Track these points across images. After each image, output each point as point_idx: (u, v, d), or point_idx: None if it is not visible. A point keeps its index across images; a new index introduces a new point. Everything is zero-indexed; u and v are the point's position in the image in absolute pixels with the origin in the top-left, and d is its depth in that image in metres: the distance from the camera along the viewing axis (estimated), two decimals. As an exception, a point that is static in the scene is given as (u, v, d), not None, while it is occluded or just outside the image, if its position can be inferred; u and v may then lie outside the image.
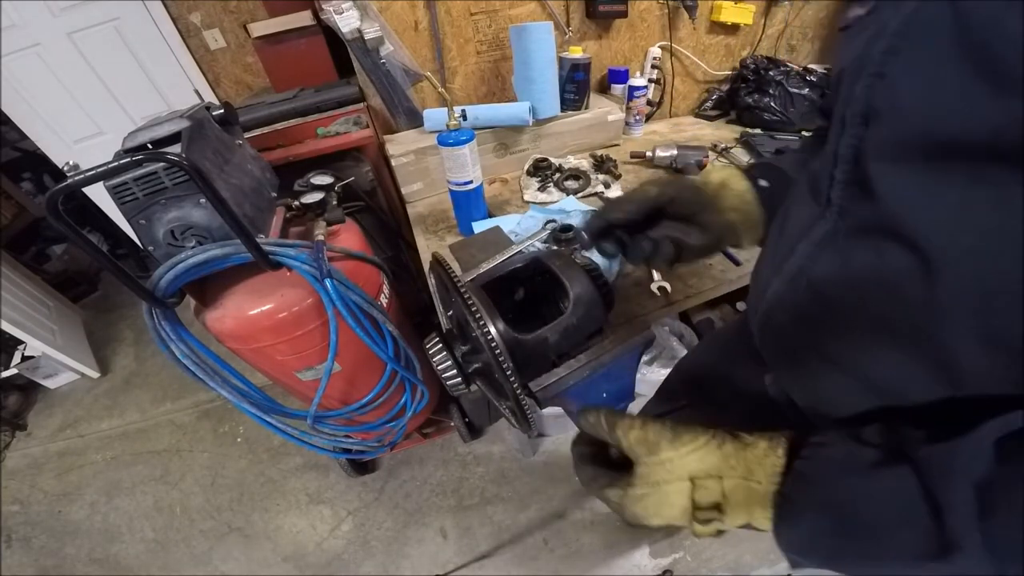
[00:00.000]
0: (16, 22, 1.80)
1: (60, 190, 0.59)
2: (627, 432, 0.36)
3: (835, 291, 0.35)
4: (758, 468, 0.33)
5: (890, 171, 0.29)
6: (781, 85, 1.48)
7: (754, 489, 0.33)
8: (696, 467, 0.34)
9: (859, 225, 0.33)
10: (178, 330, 0.84)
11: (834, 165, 0.34)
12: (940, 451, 0.26)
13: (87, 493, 1.85)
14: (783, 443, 0.33)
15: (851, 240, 0.34)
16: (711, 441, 0.34)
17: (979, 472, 0.24)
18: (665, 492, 0.34)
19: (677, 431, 0.35)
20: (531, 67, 1.19)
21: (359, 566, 1.50)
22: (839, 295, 0.35)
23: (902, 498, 0.27)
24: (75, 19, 1.87)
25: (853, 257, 0.33)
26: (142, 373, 2.35)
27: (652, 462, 0.35)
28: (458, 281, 0.50)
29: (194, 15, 1.90)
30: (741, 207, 0.52)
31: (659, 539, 1.44)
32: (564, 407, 0.59)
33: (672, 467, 0.34)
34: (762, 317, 0.45)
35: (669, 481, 0.34)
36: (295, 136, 1.33)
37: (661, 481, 0.34)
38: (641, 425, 0.36)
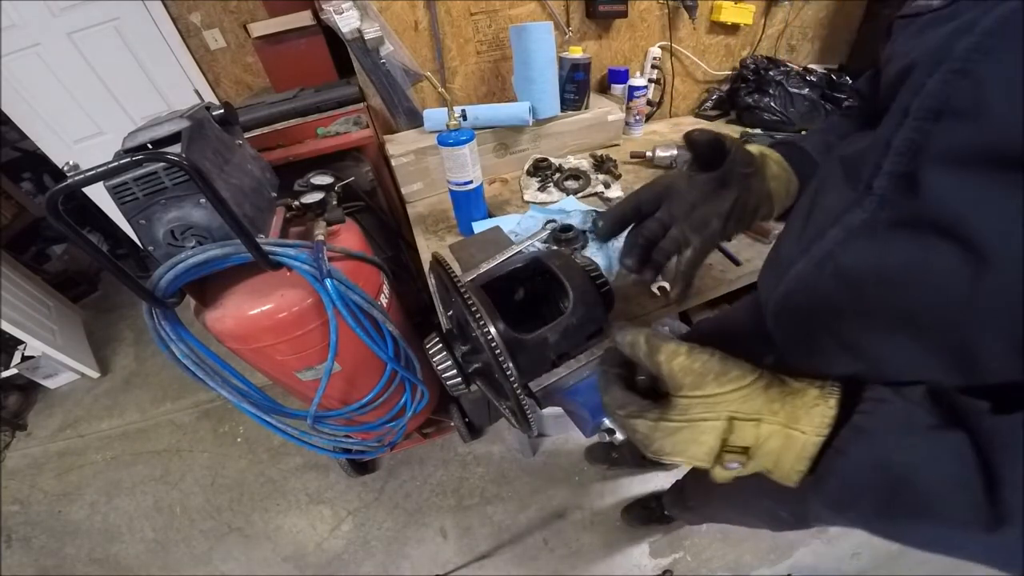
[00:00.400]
0: (16, 22, 1.80)
1: (60, 190, 0.59)
2: (671, 359, 0.33)
3: (865, 280, 0.35)
4: (804, 417, 0.31)
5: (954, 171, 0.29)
6: (781, 85, 1.48)
7: (794, 438, 0.31)
8: (738, 407, 0.32)
9: (902, 219, 0.32)
10: (178, 330, 0.84)
11: (884, 154, 0.33)
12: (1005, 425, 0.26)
13: (87, 493, 1.85)
14: (836, 394, 0.32)
15: (891, 232, 0.33)
16: (758, 382, 0.32)
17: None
18: (700, 429, 0.32)
19: (726, 365, 0.33)
20: (531, 67, 1.19)
21: (359, 566, 1.50)
22: (869, 284, 0.35)
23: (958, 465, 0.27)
24: (75, 19, 1.86)
25: (892, 249, 0.33)
26: (142, 373, 2.35)
27: (694, 396, 0.32)
28: (458, 281, 0.50)
29: (194, 15, 1.90)
30: (781, 175, 0.50)
31: (659, 539, 1.44)
32: (564, 407, 0.59)
33: (714, 404, 0.32)
34: (781, 298, 0.44)
35: (707, 419, 0.32)
36: (295, 136, 1.33)
37: (698, 418, 0.32)
38: (687, 353, 0.33)
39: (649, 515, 1.44)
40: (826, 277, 0.38)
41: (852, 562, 1.35)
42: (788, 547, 1.39)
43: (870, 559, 1.35)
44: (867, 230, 0.35)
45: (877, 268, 0.34)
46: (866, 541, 1.38)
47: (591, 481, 1.59)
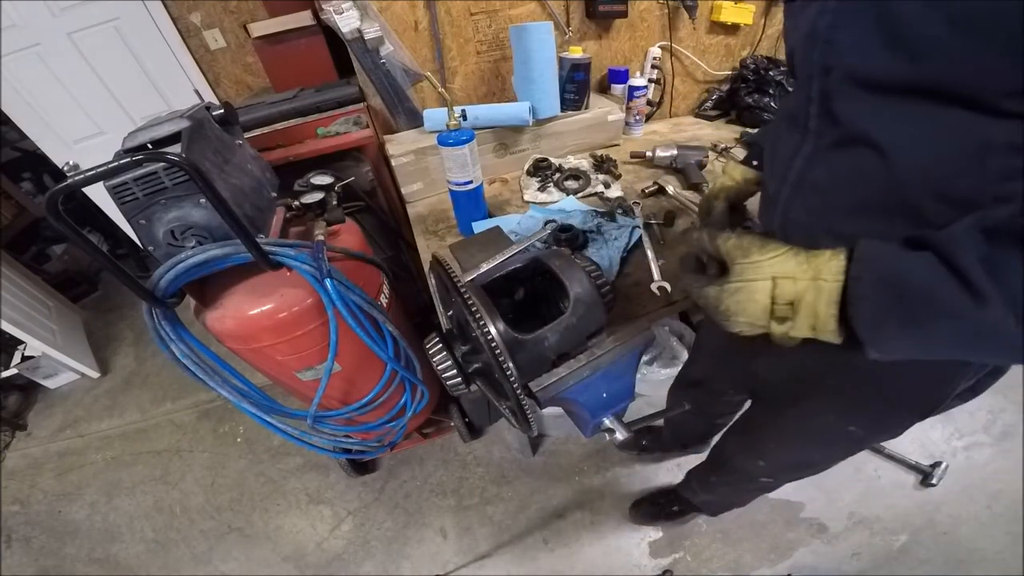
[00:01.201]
0: (16, 22, 1.80)
1: (60, 190, 0.59)
2: (726, 240, 0.47)
3: (828, 186, 0.50)
4: (825, 269, 0.41)
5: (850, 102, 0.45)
6: (781, 85, 1.48)
7: (822, 287, 0.41)
8: (778, 269, 0.43)
9: (833, 141, 0.48)
10: (178, 330, 0.84)
11: (808, 104, 0.50)
12: (944, 235, 0.36)
13: (87, 493, 1.85)
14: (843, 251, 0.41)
15: (830, 152, 0.49)
16: (789, 250, 0.44)
17: (978, 248, 0.34)
18: (753, 288, 0.44)
19: (764, 240, 0.45)
20: (531, 67, 1.19)
21: (359, 566, 1.50)
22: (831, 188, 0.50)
23: (935, 268, 0.35)
24: (75, 19, 1.86)
25: (834, 162, 0.49)
26: (142, 373, 2.36)
27: (745, 263, 0.45)
28: (458, 281, 0.50)
29: (194, 15, 1.90)
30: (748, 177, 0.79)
31: (659, 539, 1.44)
32: (564, 407, 0.59)
33: (759, 267, 0.44)
34: (780, 217, 0.58)
35: (756, 279, 0.44)
36: (295, 136, 1.33)
37: (750, 279, 0.44)
38: (737, 235, 0.47)
39: (658, 511, 1.44)
40: (805, 192, 0.54)
41: (852, 562, 1.35)
42: (788, 547, 1.39)
43: (870, 559, 1.35)
44: (816, 154, 0.51)
45: (832, 175, 0.50)
46: (866, 541, 1.38)
47: (591, 481, 1.59)
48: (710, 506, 1.31)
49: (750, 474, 0.97)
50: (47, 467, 1.98)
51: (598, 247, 0.97)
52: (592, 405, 0.55)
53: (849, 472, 1.51)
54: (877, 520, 1.41)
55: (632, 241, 1.00)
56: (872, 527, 1.40)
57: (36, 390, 2.34)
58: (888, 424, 0.67)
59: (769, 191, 0.64)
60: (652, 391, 1.78)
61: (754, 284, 0.44)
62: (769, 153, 0.65)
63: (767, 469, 0.92)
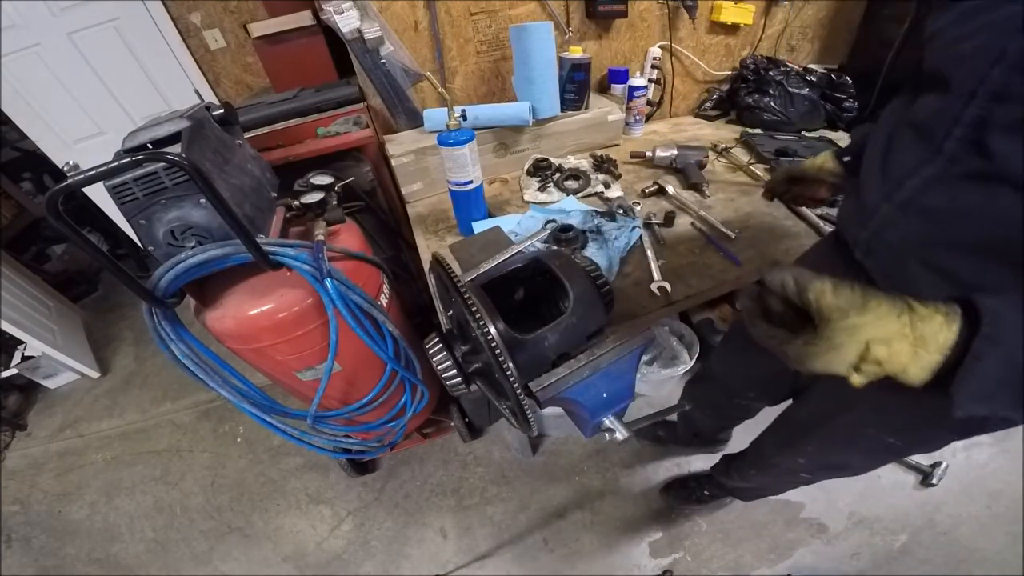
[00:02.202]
0: (16, 22, 1.80)
1: (60, 190, 0.59)
2: (820, 298, 0.40)
3: (944, 215, 0.47)
4: (932, 341, 0.37)
5: (1009, 139, 0.40)
6: (781, 85, 1.48)
7: (921, 356, 0.38)
8: (875, 333, 0.38)
9: (969, 172, 0.44)
10: (178, 330, 0.84)
11: (954, 124, 0.45)
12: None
13: (87, 493, 1.85)
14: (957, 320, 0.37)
15: (959, 181, 0.45)
16: (892, 310, 0.39)
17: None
18: (843, 352, 0.39)
19: (866, 299, 0.39)
20: (531, 67, 1.19)
21: (359, 566, 1.50)
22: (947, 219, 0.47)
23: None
24: (75, 19, 1.86)
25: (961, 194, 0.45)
26: (142, 373, 2.35)
27: (839, 327, 0.39)
28: (458, 281, 0.50)
29: (194, 15, 1.90)
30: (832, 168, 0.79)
31: (659, 539, 1.44)
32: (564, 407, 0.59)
33: (855, 332, 0.38)
34: (871, 236, 0.56)
35: (848, 344, 0.39)
36: (295, 136, 1.33)
37: (842, 343, 0.39)
38: (833, 291, 0.39)
39: (689, 494, 1.46)
40: (911, 216, 0.50)
41: (852, 562, 1.35)
42: (788, 547, 1.39)
43: (870, 559, 1.35)
44: (940, 180, 0.47)
45: (952, 207, 0.46)
46: (866, 541, 1.38)
47: (591, 481, 1.59)
48: (746, 493, 1.32)
49: (790, 470, 0.98)
50: (47, 467, 1.98)
51: (598, 247, 0.97)
52: (592, 405, 0.55)
53: (849, 472, 1.51)
54: (877, 520, 1.41)
55: (632, 241, 1.00)
56: (872, 527, 1.40)
57: (36, 390, 2.34)
58: (928, 440, 0.68)
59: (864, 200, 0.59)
60: (652, 391, 1.78)
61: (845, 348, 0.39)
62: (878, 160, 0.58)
63: (807, 467, 0.93)
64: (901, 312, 0.39)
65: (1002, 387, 0.36)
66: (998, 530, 1.35)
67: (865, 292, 0.40)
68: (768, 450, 1.02)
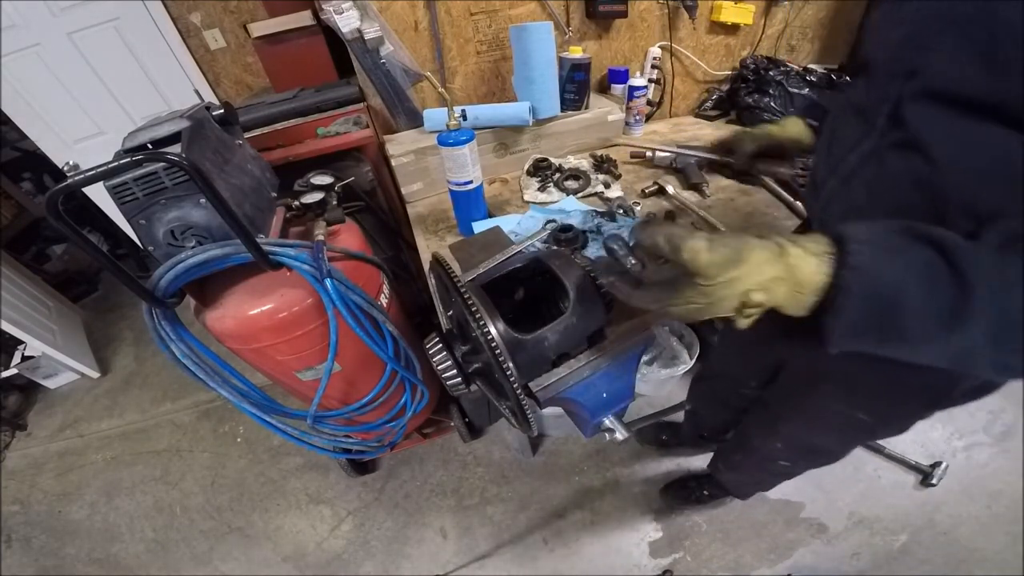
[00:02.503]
0: (16, 22, 1.80)
1: (60, 190, 0.59)
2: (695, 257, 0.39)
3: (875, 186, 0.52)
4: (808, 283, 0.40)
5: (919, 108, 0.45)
6: (781, 85, 1.48)
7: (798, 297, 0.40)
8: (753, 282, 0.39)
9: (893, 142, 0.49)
10: (178, 330, 0.84)
11: (882, 103, 0.50)
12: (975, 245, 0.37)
13: (87, 493, 1.85)
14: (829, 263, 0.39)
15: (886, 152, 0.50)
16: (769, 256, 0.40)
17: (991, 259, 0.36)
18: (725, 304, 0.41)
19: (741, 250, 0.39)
20: (531, 67, 1.19)
21: (359, 566, 1.50)
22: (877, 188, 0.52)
23: (929, 277, 0.36)
24: (75, 19, 1.86)
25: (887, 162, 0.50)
26: (142, 373, 2.35)
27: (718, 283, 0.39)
28: (458, 281, 0.50)
29: (194, 15, 1.90)
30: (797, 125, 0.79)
31: (659, 539, 1.44)
32: (564, 407, 0.59)
33: (734, 285, 0.39)
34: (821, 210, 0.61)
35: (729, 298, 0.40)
36: (295, 136, 1.33)
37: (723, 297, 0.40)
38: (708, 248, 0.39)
39: (688, 494, 1.46)
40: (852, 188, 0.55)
41: (852, 562, 1.35)
42: (788, 547, 1.39)
43: (870, 559, 1.35)
44: (874, 153, 0.51)
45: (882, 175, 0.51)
46: (866, 541, 1.38)
47: (591, 481, 1.59)
48: (739, 487, 1.32)
49: (769, 455, 0.99)
50: (47, 467, 1.98)
51: (598, 247, 0.97)
52: (592, 405, 0.55)
53: (849, 472, 1.51)
54: (877, 520, 1.41)
55: (632, 241, 1.00)
56: (872, 527, 1.40)
57: (36, 390, 2.34)
58: (896, 414, 0.69)
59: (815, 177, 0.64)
60: (652, 391, 1.78)
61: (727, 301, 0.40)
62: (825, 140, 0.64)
63: (784, 452, 0.95)
64: (777, 257, 0.40)
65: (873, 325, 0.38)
66: (998, 530, 1.35)
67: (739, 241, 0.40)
68: (749, 431, 1.03)
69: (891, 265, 0.37)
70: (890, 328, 0.38)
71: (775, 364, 0.86)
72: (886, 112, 0.50)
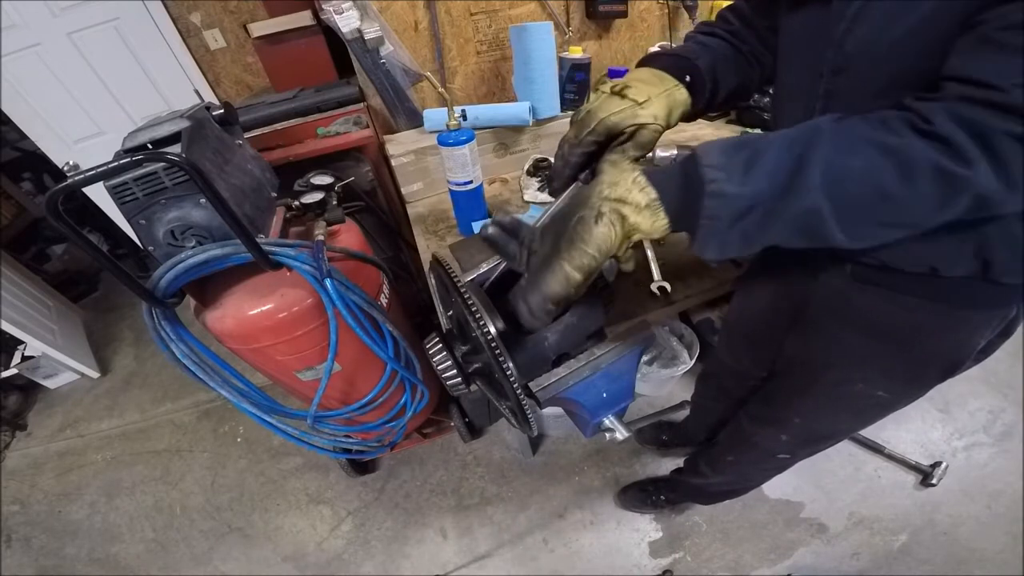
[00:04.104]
0: (16, 22, 1.80)
1: (60, 190, 0.59)
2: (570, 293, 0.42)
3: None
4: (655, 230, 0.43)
5: None
6: (781, 85, 1.47)
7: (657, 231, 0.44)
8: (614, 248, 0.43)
9: None
10: (178, 330, 0.84)
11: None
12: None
13: (87, 493, 1.85)
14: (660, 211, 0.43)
15: None
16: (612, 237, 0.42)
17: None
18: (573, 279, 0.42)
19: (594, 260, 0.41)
20: (531, 67, 1.19)
21: (359, 566, 1.50)
22: None
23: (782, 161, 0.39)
24: (75, 19, 1.86)
25: None
26: (142, 373, 2.35)
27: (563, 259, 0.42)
28: (458, 281, 0.50)
29: (194, 15, 1.90)
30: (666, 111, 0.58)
31: (659, 539, 1.44)
32: (564, 407, 0.59)
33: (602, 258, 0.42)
34: None
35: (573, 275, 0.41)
36: (295, 136, 1.33)
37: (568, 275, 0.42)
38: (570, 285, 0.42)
39: (645, 497, 1.46)
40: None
41: (852, 562, 1.35)
42: (788, 547, 1.39)
43: (870, 559, 1.35)
44: None
45: None
46: (866, 541, 1.38)
47: (591, 481, 1.59)
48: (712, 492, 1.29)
49: (770, 450, 0.97)
50: (47, 467, 1.98)
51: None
52: (592, 405, 0.55)
53: (849, 472, 1.51)
54: (877, 520, 1.41)
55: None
56: (872, 527, 1.40)
57: (36, 390, 2.34)
58: (914, 387, 0.68)
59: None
60: (652, 391, 1.78)
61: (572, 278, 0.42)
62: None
63: (788, 444, 0.92)
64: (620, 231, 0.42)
65: (736, 237, 0.40)
66: (998, 530, 1.35)
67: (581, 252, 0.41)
68: (746, 428, 1.00)
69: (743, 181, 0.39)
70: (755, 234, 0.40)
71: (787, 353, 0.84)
72: None
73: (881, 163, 0.36)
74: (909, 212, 0.38)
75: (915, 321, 0.58)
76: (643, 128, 0.54)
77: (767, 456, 1.00)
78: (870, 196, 0.37)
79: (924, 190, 0.36)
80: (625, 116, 0.53)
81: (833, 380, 0.73)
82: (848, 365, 0.69)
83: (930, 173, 0.35)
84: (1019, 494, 1.40)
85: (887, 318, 0.60)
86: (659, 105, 0.55)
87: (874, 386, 0.69)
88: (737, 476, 1.19)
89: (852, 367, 0.69)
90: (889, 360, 0.65)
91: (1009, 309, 0.55)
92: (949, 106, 0.35)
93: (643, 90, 0.54)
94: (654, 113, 0.54)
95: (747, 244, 0.41)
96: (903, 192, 0.36)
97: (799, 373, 0.81)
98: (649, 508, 1.47)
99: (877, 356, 0.65)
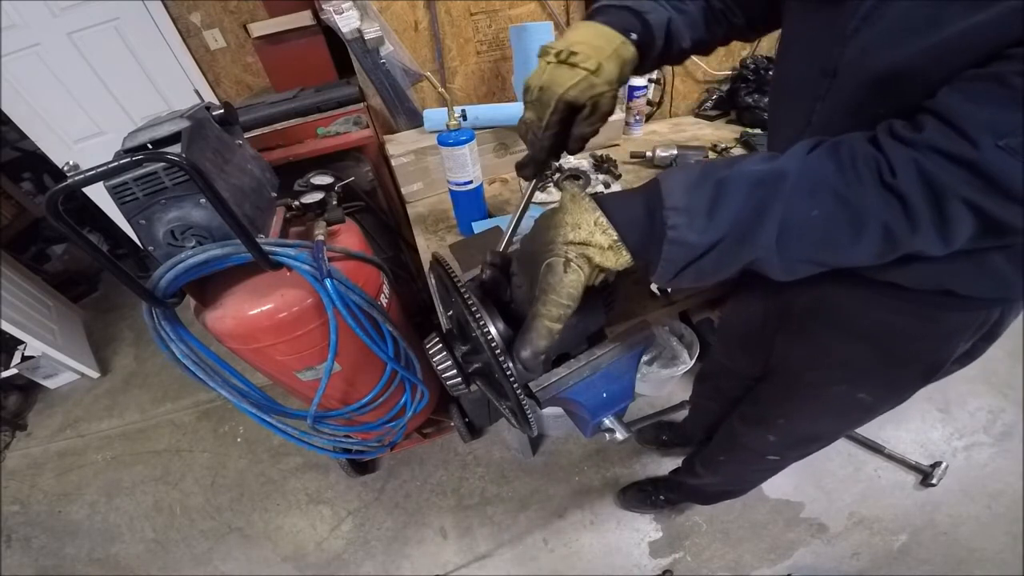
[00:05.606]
0: (16, 22, 1.80)
1: (60, 190, 0.59)
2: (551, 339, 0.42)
3: None
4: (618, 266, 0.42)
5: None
6: (781, 85, 1.47)
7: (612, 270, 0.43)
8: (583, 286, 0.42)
9: None
10: (178, 330, 0.84)
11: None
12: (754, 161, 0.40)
13: (87, 493, 1.85)
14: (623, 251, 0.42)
15: None
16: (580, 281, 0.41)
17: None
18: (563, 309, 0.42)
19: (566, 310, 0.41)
20: (531, 67, 1.19)
21: (359, 566, 1.50)
22: None
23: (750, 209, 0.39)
24: (75, 19, 1.86)
25: None
26: (142, 373, 2.36)
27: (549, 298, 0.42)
28: (458, 281, 0.50)
29: (194, 15, 1.89)
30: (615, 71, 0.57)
31: (659, 539, 1.44)
32: (564, 407, 0.59)
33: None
34: None
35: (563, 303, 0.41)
36: (295, 136, 1.33)
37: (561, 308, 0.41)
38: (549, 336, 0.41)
39: (645, 497, 1.46)
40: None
41: (852, 562, 1.35)
42: (788, 547, 1.39)
43: (870, 559, 1.35)
44: None
45: None
46: (866, 541, 1.38)
47: (591, 481, 1.59)
48: (709, 493, 1.30)
49: (759, 451, 0.98)
50: (47, 467, 1.98)
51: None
52: (592, 405, 0.55)
53: (849, 472, 1.51)
54: (877, 520, 1.41)
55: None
56: (872, 527, 1.40)
57: (36, 390, 2.34)
58: (895, 390, 0.69)
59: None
60: (652, 391, 1.78)
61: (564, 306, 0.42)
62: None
63: (776, 445, 0.93)
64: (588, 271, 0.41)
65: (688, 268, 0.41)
66: (998, 530, 1.35)
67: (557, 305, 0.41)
68: (737, 428, 1.01)
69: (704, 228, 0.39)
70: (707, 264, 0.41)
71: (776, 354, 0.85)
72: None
73: (836, 215, 0.37)
74: (846, 258, 0.39)
75: (892, 324, 0.59)
76: (602, 97, 0.55)
77: (757, 457, 1.00)
78: (818, 243, 0.39)
79: (867, 245, 0.38)
80: (583, 89, 0.53)
81: (815, 381, 0.74)
82: (829, 367, 0.70)
83: (878, 231, 0.36)
84: (1019, 494, 1.40)
85: (865, 321, 0.61)
86: (611, 68, 0.55)
87: (855, 388, 0.70)
88: (730, 476, 1.19)
89: (832, 369, 0.70)
90: (868, 362, 0.65)
91: (989, 312, 0.55)
92: (919, 157, 0.35)
93: (591, 55, 0.52)
94: (608, 80, 0.54)
95: (700, 279, 0.43)
96: (848, 243, 0.38)
97: (784, 374, 0.82)
98: (649, 508, 1.47)
99: (857, 358, 0.66)
